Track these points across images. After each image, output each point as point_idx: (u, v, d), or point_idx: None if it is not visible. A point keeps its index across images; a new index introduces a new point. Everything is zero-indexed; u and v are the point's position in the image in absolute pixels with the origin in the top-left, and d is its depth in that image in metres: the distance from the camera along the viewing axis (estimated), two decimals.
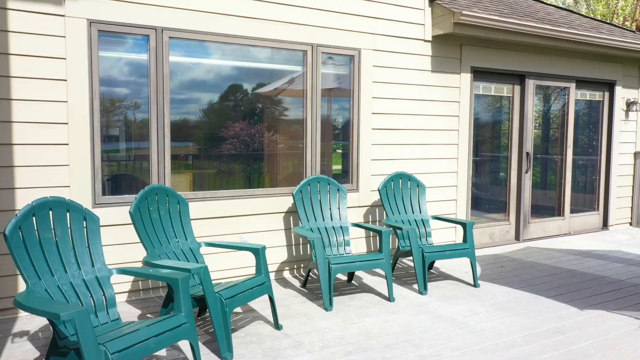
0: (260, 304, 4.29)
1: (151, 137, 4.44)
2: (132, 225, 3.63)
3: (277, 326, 3.76)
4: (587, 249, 6.50)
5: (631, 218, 8.06)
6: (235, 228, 4.82)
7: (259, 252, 3.74)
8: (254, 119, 5.02)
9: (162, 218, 3.72)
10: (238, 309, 4.18)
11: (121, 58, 4.33)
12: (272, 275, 5.08)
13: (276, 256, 5.08)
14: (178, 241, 3.78)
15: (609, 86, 7.67)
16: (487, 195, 6.83)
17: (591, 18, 8.33)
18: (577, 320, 3.96)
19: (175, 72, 4.54)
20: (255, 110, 5.05)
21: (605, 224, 7.80)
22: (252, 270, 4.87)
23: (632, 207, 8.03)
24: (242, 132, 4.95)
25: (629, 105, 7.79)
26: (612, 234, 7.45)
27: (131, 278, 4.41)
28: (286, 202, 5.07)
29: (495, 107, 6.75)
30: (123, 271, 3.17)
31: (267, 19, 4.86)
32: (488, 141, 6.77)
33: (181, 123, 4.64)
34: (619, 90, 7.67)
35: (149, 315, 4.03)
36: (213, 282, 4.57)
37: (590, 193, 7.77)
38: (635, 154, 7.99)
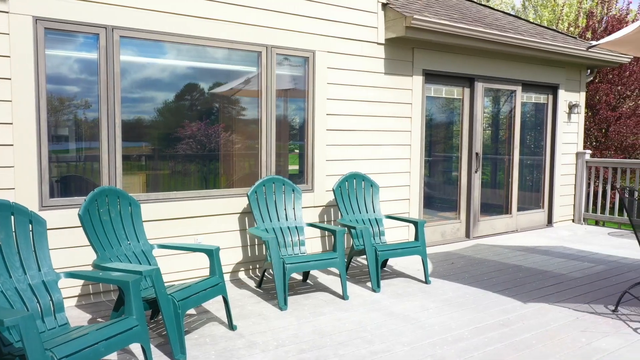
0: (215, 305, 4.29)
1: (101, 137, 4.35)
2: (82, 228, 3.56)
3: (232, 327, 3.77)
4: (532, 245, 6.80)
5: (573, 215, 8.48)
6: (190, 229, 4.79)
7: (212, 253, 3.74)
8: (210, 119, 4.99)
9: (112, 220, 3.66)
10: (192, 311, 4.16)
11: (70, 56, 4.23)
12: (227, 276, 5.07)
13: (231, 257, 5.08)
14: (130, 243, 3.73)
15: (553, 89, 8.05)
16: (440, 195, 7.04)
17: (537, 24, 8.71)
18: (521, 313, 4.16)
19: (128, 70, 4.47)
20: (211, 110, 5.03)
21: (549, 221, 8.17)
22: (207, 272, 4.85)
23: (574, 205, 8.45)
24: (199, 132, 4.92)
25: (571, 107, 8.19)
26: (556, 231, 7.81)
27: (81, 282, 4.31)
28: (241, 203, 5.08)
29: (447, 109, 6.96)
30: (72, 275, 3.11)
31: (222, 19, 4.85)
32: (440, 142, 6.97)
33: (135, 123, 4.56)
34: (562, 94, 8.06)
35: (99, 320, 3.95)
36: (167, 284, 4.53)
37: (536, 191, 8.12)
38: (577, 154, 8.41)
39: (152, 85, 4.64)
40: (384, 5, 5.92)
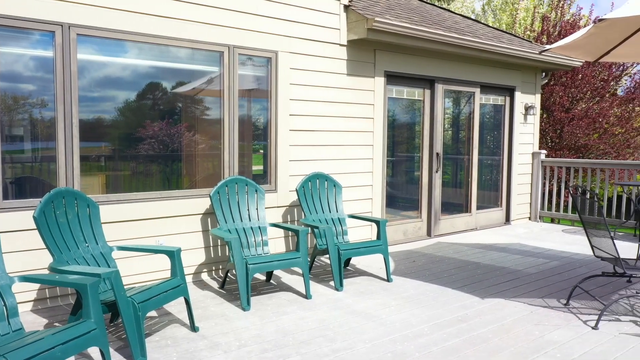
0: (177, 307, 4.25)
1: (58, 137, 4.25)
2: (37, 231, 3.47)
3: (194, 328, 3.75)
4: (490, 242, 7.00)
5: (530, 213, 8.77)
6: (152, 231, 4.72)
7: (174, 255, 3.71)
8: (172, 119, 4.94)
9: (70, 222, 3.58)
10: (153, 313, 4.11)
11: (25, 54, 4.11)
12: (190, 278, 5.03)
13: (194, 258, 5.04)
14: (88, 246, 3.66)
15: (510, 91, 8.30)
16: (402, 194, 7.16)
17: (494, 28, 8.97)
18: (479, 309, 4.29)
19: (87, 69, 4.37)
20: (174, 109, 4.97)
21: (507, 219, 8.43)
22: (169, 274, 4.79)
23: (530, 203, 8.74)
24: (161, 132, 4.86)
25: (527, 109, 8.47)
26: (513, 228, 8.07)
27: (37, 286, 4.19)
28: (204, 204, 5.04)
29: (409, 110, 7.08)
30: (26, 279, 3.03)
31: (183, 18, 4.81)
32: (402, 142, 7.10)
33: (94, 122, 4.47)
34: (518, 96, 8.32)
35: (56, 324, 3.86)
36: (127, 286, 4.46)
37: (494, 190, 8.37)
38: (533, 154, 8.71)
39: (112, 84, 4.55)
40: (346, 7, 5.99)
